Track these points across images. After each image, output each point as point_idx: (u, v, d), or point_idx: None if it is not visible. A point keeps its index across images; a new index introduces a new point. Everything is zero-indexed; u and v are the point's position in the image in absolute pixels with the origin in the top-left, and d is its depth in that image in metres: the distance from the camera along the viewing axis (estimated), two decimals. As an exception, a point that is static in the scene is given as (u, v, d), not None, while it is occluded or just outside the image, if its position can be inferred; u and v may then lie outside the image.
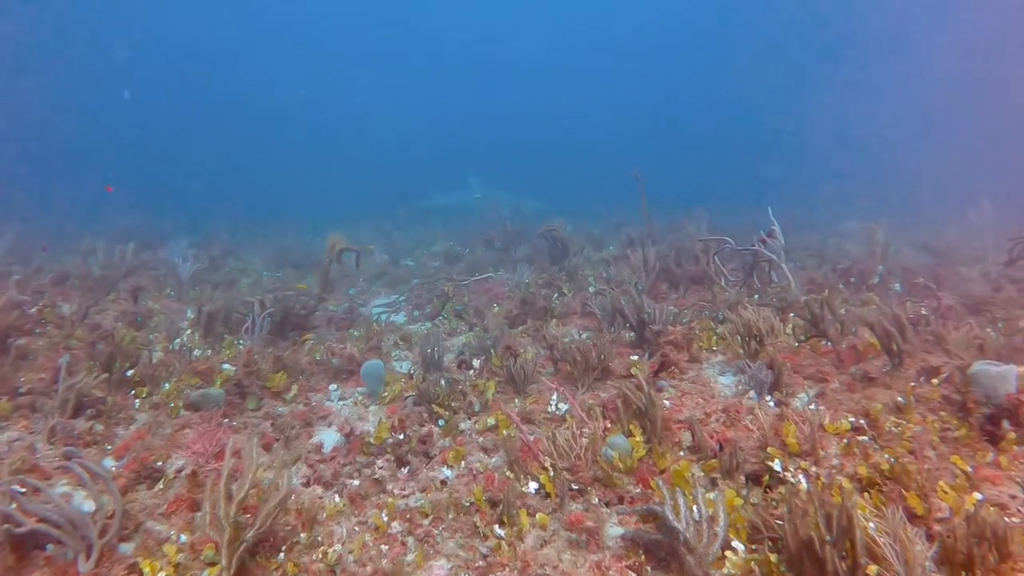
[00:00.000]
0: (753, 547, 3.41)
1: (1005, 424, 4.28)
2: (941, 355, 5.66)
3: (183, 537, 3.65)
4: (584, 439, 4.37)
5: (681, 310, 8.06)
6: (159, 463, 4.40)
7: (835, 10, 48.44)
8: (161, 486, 4.20)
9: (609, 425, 4.71)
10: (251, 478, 3.55)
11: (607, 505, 3.97)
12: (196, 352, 6.99)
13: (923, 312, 7.83)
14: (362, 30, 64.29)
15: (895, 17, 45.02)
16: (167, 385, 5.81)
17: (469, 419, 5.42)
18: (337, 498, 4.24)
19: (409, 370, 6.82)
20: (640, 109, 58.75)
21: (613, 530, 3.73)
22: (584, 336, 7.44)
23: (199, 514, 3.70)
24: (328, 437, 5.17)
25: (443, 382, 6.13)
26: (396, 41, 66.19)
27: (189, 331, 7.99)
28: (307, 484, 4.52)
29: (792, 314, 7.23)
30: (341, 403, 6.01)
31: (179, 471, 4.41)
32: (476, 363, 6.68)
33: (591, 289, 9.52)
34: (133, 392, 5.69)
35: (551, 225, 11.72)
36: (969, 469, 3.95)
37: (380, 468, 4.67)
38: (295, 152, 49.85)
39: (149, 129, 50.79)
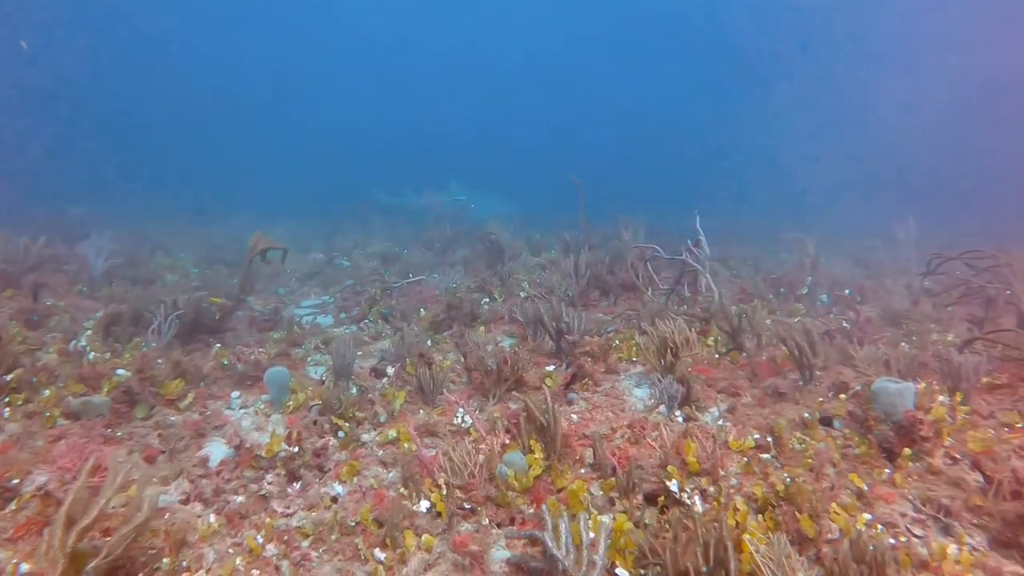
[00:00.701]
0: (642, 573, 3.28)
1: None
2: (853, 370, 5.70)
3: (24, 566, 3.30)
4: (481, 456, 4.18)
5: (612, 318, 7.98)
6: (15, 480, 4.01)
7: (783, 28, 50.11)
8: (13, 507, 3.82)
9: (508, 441, 4.52)
10: (104, 501, 3.23)
11: (498, 526, 3.79)
12: (92, 355, 6.53)
13: (844, 324, 7.95)
14: (341, 31, 63.12)
15: (839, 36, 46.67)
16: (47, 392, 5.36)
17: (374, 430, 5.17)
18: (212, 517, 3.94)
19: (322, 376, 6.53)
20: (629, 115, 59.01)
21: (499, 553, 3.54)
22: (507, 343, 7.26)
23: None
24: (217, 449, 4.83)
25: (353, 390, 5.88)
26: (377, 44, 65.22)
27: (90, 332, 7.48)
28: (186, 501, 4.20)
29: (716, 325, 7.20)
30: (242, 412, 5.66)
31: (39, 489, 4.03)
32: (390, 370, 6.43)
33: (523, 295, 9.35)
34: (7, 399, 5.22)
35: (489, 229, 11.54)
36: (865, 487, 3.92)
37: (268, 483, 4.39)
38: (252, 149, 48.20)
39: (90, 114, 48.49)
